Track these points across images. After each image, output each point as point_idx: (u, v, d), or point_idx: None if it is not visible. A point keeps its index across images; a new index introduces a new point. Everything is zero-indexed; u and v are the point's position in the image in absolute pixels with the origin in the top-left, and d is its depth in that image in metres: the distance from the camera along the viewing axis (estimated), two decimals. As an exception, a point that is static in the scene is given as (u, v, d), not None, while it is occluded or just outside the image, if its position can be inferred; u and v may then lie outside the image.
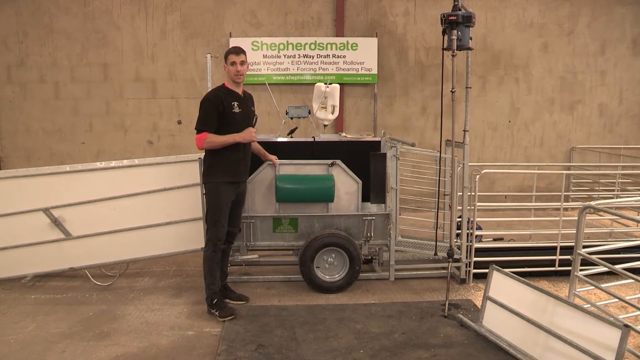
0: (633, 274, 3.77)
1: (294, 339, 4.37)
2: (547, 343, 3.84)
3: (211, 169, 4.84)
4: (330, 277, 5.49)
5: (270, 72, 9.02)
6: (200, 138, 4.68)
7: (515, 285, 4.27)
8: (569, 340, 3.66)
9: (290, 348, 4.21)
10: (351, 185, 5.57)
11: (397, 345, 4.30)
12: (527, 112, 9.73)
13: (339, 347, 4.22)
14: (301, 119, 6.23)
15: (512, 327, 4.19)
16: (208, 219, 4.90)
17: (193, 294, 5.44)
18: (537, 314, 3.97)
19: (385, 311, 4.98)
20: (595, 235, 6.21)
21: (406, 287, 5.65)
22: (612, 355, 3.35)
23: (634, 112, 10.07)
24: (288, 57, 9.08)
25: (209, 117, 4.70)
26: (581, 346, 3.56)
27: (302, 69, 9.11)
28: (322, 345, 4.27)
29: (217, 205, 4.82)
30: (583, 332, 3.59)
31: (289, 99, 8.98)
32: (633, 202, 5.13)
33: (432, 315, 4.86)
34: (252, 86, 8.92)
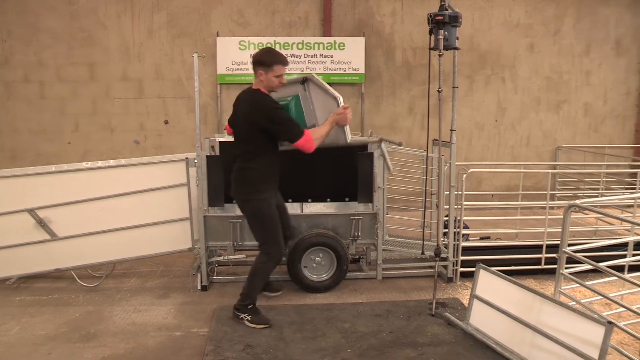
0: (617, 272, 3.81)
1: (282, 339, 4.37)
2: (534, 341, 3.86)
3: (255, 184, 4.48)
4: (317, 277, 5.49)
5: (258, 71, 9.01)
6: (308, 139, 4.27)
7: (502, 283, 4.29)
8: (554, 337, 3.69)
9: (278, 348, 4.20)
10: (330, 104, 4.75)
11: (385, 344, 4.31)
12: (513, 112, 9.80)
13: (327, 347, 4.22)
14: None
15: (499, 325, 4.21)
16: (263, 236, 4.60)
17: (180, 295, 5.42)
18: (523, 312, 4.00)
19: (373, 310, 4.99)
20: (581, 234, 6.26)
21: (394, 286, 5.66)
22: (596, 352, 3.38)
23: (618, 112, 10.17)
24: (276, 57, 9.08)
25: (294, 121, 4.38)
26: (566, 343, 3.58)
27: (289, 68, 9.02)
28: (310, 345, 4.27)
29: (270, 220, 4.55)
30: (568, 329, 3.62)
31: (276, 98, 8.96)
32: (617, 201, 5.19)
33: (419, 314, 4.87)
34: (240, 86, 8.92)
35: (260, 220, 4.54)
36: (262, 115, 4.26)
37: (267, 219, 4.51)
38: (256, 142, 4.37)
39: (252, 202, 4.48)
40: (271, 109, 4.29)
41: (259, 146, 4.40)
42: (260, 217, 4.52)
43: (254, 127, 4.32)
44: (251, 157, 4.44)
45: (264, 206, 4.47)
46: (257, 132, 4.32)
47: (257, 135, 4.34)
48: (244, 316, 4.60)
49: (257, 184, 4.45)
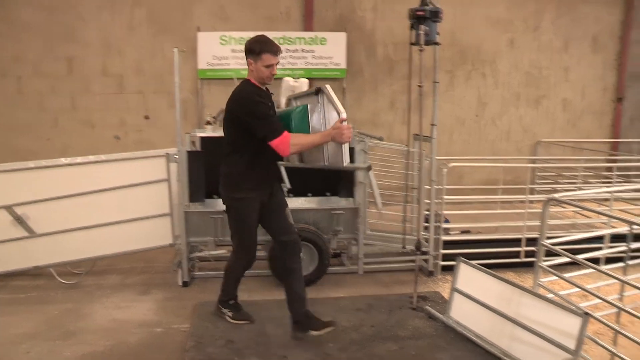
0: (594, 264, 3.87)
1: (264, 334, 4.37)
2: (513, 333, 3.91)
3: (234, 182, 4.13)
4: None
5: (239, 66, 8.96)
6: (284, 142, 3.80)
7: (482, 277, 4.34)
8: (532, 329, 3.74)
9: (259, 343, 4.20)
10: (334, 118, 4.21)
11: (367, 338, 4.33)
12: (494, 107, 9.88)
13: (308, 341, 4.22)
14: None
15: (479, 318, 4.25)
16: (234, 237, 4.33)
17: (161, 291, 5.40)
18: (503, 305, 4.04)
19: (354, 305, 5.00)
20: (559, 227, 6.34)
21: (375, 280, 5.69)
22: (573, 342, 3.43)
23: (596, 107, 10.30)
24: (258, 53, 9.05)
25: (274, 119, 3.93)
26: (544, 335, 3.63)
27: (271, 62, 9.07)
28: (292, 340, 4.27)
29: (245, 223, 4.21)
30: (546, 320, 3.67)
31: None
32: (594, 195, 5.26)
33: (400, 308, 4.90)
34: (221, 81, 8.89)
35: (234, 220, 4.22)
36: (240, 107, 3.91)
37: (241, 221, 4.20)
38: (235, 137, 4.03)
39: (230, 200, 4.18)
40: (251, 101, 3.88)
41: (238, 141, 4.02)
42: (235, 217, 4.21)
43: (233, 119, 3.99)
44: (231, 153, 4.10)
45: (242, 207, 4.13)
46: (235, 126, 3.98)
47: (236, 128, 3.99)
48: (225, 312, 4.56)
49: (237, 183, 4.10)
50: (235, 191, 4.11)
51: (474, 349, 4.14)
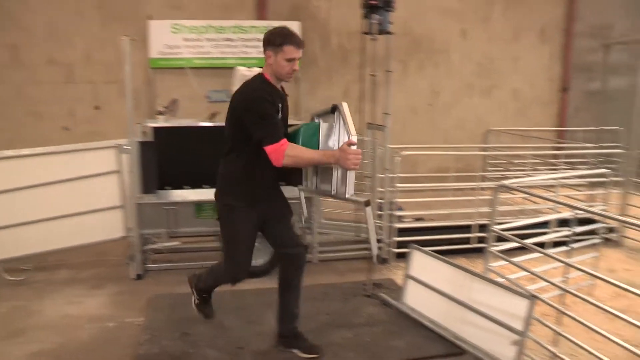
0: (541, 248, 4.00)
1: (220, 326, 4.35)
2: (465, 317, 4.01)
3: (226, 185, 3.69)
4: (255, 262, 5.47)
5: (191, 55, 8.84)
6: (279, 150, 3.32)
7: (435, 263, 4.42)
8: (483, 312, 3.84)
9: (216, 335, 4.19)
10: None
11: (322, 326, 4.37)
12: (446, 96, 10.03)
13: (265, 331, 4.23)
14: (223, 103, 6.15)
15: (432, 303, 4.34)
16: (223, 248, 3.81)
17: (115, 284, 5.30)
18: (455, 290, 4.14)
19: (309, 293, 5.00)
20: (509, 213, 6.50)
21: (330, 268, 5.73)
22: (520, 324, 3.55)
23: (544, 97, 10.60)
24: (209, 41, 8.93)
25: (276, 122, 3.44)
26: (494, 317, 3.75)
27: (224, 52, 8.99)
28: (249, 330, 4.28)
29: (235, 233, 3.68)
30: (496, 304, 3.78)
31: (210, 82, 8.82)
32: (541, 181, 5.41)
33: (355, 296, 4.95)
34: (173, 70, 8.74)
35: (225, 229, 3.71)
36: (242, 103, 3.47)
37: (233, 233, 3.67)
38: (235, 134, 3.56)
39: (222, 206, 3.69)
40: (255, 98, 3.42)
41: (237, 140, 3.55)
42: (226, 226, 3.70)
43: (233, 115, 3.53)
44: (229, 151, 3.63)
45: (234, 216, 3.63)
46: (236, 122, 3.52)
47: (236, 125, 3.52)
48: (194, 297, 4.11)
49: (231, 187, 3.64)
50: (228, 197, 3.64)
51: (427, 334, 4.22)
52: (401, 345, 4.08)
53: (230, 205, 3.62)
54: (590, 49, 10.66)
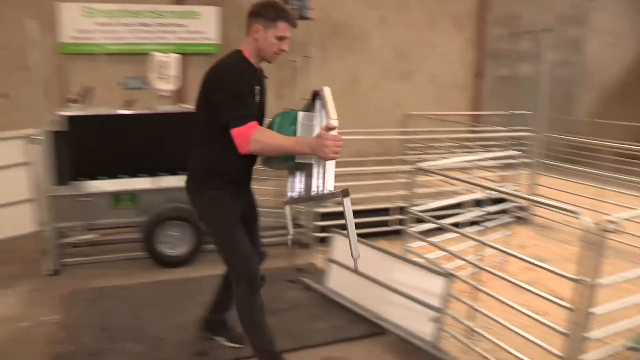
0: (457, 228, 4.15)
1: (140, 318, 4.25)
2: (386, 297, 4.11)
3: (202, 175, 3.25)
4: (175, 252, 5.39)
5: (105, 40, 8.50)
6: (246, 133, 2.86)
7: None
8: (403, 292, 3.96)
9: (137, 327, 4.09)
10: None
11: (246, 313, 4.36)
12: (366, 82, 10.17)
13: (187, 322, 4.17)
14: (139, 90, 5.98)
15: (354, 286, 4.42)
16: (220, 249, 3.30)
17: (28, 282, 5.04)
18: (376, 272, 4.22)
19: (232, 281, 5.00)
20: (426, 195, 6.69)
21: (253, 255, 5.71)
22: (439, 301, 3.69)
23: (459, 82, 10.96)
24: (125, 26, 8.61)
25: (247, 102, 2.99)
26: (413, 296, 3.87)
27: (140, 37, 8.70)
28: (170, 321, 4.20)
29: (225, 223, 3.25)
30: (415, 283, 3.90)
31: (126, 69, 8.53)
32: (457, 163, 5.61)
33: (278, 281, 4.96)
34: (85, 56, 8.38)
35: (215, 226, 3.26)
36: (213, 80, 3.06)
37: (224, 225, 3.23)
38: (206, 120, 3.13)
39: (203, 199, 3.25)
40: (229, 75, 3.02)
41: (210, 127, 3.12)
42: (215, 221, 3.26)
43: (202, 94, 3.14)
44: (200, 141, 3.24)
45: (220, 205, 3.21)
46: (205, 105, 3.12)
47: (206, 109, 3.11)
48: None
49: (206, 175, 3.23)
50: (208, 187, 3.21)
51: (350, 316, 4.30)
52: (324, 328, 4.14)
53: (214, 195, 3.20)
54: (501, 37, 11.12)
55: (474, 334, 3.82)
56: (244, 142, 2.87)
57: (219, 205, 3.22)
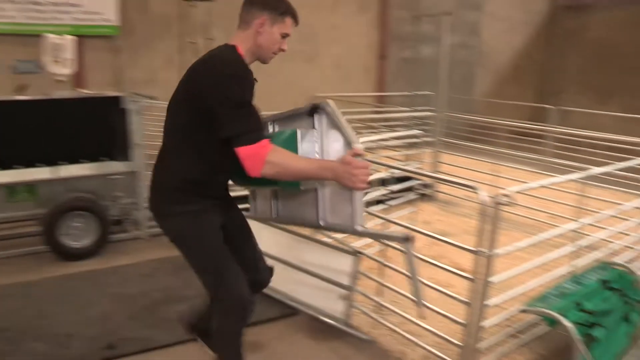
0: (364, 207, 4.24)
1: (45, 315, 4.05)
2: (297, 278, 4.14)
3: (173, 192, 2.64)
4: (79, 244, 5.17)
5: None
6: (259, 153, 2.38)
7: (265, 229, 4.49)
8: (312, 271, 4.01)
9: (40, 326, 3.89)
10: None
11: (156, 302, 4.28)
12: (271, 64, 10.03)
13: (95, 315, 4.04)
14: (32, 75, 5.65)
15: (264, 268, 4.41)
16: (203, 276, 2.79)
17: None
18: (286, 253, 4.24)
19: (140, 270, 4.88)
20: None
21: (160, 243, 5.55)
22: (348, 279, 3.77)
23: (364, 64, 11.14)
24: (13, 3, 8.04)
25: (256, 114, 2.50)
26: (324, 275, 3.93)
27: (30, 17, 8.15)
28: (76, 316, 4.04)
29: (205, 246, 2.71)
30: (325, 262, 3.97)
31: (16, 52, 8.00)
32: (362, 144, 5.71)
33: (187, 269, 4.73)
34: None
35: (195, 249, 2.72)
36: (210, 79, 2.43)
37: (206, 247, 2.70)
38: (181, 123, 2.58)
39: (170, 219, 2.66)
40: (232, 75, 2.44)
41: (186, 131, 2.57)
42: (193, 244, 2.70)
43: (191, 96, 2.51)
44: (172, 147, 2.64)
45: (199, 224, 2.66)
46: (192, 108, 2.51)
47: (192, 112, 2.52)
48: None
49: (178, 191, 2.63)
50: (182, 203, 2.62)
51: (261, 299, 4.26)
52: (236, 312, 4.12)
53: (191, 212, 2.62)
54: (404, 19, 11.39)
55: (382, 309, 3.95)
56: (256, 164, 2.38)
57: (198, 224, 2.65)
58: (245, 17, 2.63)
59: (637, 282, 3.82)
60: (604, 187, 5.93)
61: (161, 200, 2.67)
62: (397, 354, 3.65)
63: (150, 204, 2.73)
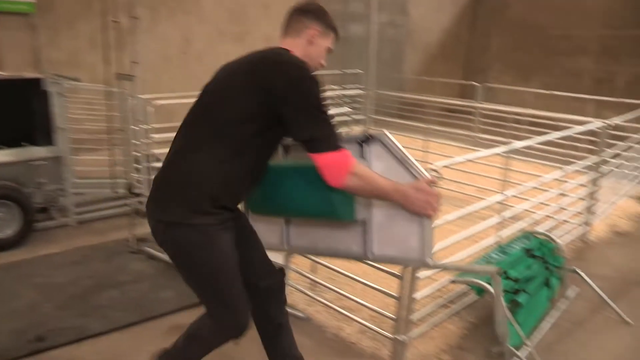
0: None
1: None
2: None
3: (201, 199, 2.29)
4: (1, 234, 4.92)
5: None
6: (344, 163, 2.24)
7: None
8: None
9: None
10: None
11: (86, 290, 4.15)
12: (199, 44, 9.90)
13: (21, 307, 3.88)
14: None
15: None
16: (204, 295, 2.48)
17: None
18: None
19: (69, 258, 4.72)
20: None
21: (90, 229, 5.42)
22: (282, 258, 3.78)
23: (294, 42, 11.10)
24: None
25: (333, 122, 2.31)
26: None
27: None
28: (2, 309, 3.86)
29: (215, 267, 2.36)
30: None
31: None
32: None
33: (119, 254, 4.78)
34: None
35: (195, 265, 2.37)
36: (284, 77, 2.26)
37: (213, 262, 2.35)
38: (238, 123, 2.30)
39: (183, 229, 2.29)
40: (309, 78, 2.27)
41: (239, 133, 2.30)
42: (198, 256, 2.33)
43: (253, 94, 2.28)
44: (206, 147, 2.32)
45: (211, 238, 2.31)
46: (249, 103, 2.29)
47: (245, 107, 2.29)
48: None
49: (204, 200, 2.28)
50: (205, 214, 2.28)
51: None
52: (171, 296, 4.07)
53: (205, 225, 2.29)
54: (332, -3, 11.39)
55: (317, 286, 3.99)
56: (339, 173, 2.23)
57: (217, 242, 2.32)
58: (294, 24, 2.63)
59: (557, 250, 4.04)
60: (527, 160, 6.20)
61: (178, 206, 2.28)
62: (333, 329, 3.70)
63: (156, 208, 2.37)
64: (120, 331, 3.60)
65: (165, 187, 2.36)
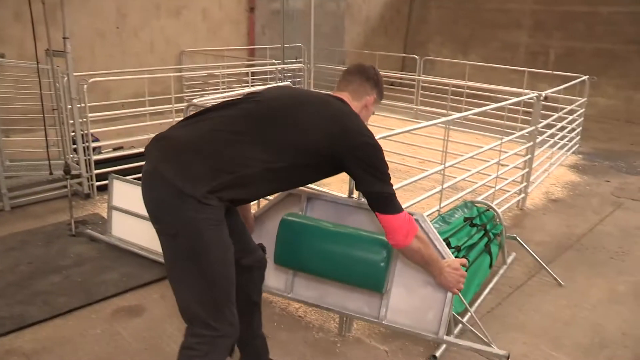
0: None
1: None
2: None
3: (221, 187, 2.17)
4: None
5: None
6: (413, 226, 2.47)
7: (137, 190, 4.33)
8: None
9: None
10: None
11: (25, 276, 4.00)
12: (134, 19, 9.58)
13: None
14: None
15: (140, 231, 4.27)
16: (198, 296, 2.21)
17: None
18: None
19: (5, 245, 4.53)
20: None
21: (26, 214, 5.21)
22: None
23: (233, 17, 10.89)
24: None
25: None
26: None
27: None
28: None
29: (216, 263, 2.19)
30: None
31: None
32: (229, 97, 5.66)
33: (59, 237, 4.62)
34: None
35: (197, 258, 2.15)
36: (356, 138, 2.39)
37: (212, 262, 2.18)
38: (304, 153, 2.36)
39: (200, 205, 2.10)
40: (376, 144, 2.42)
41: (301, 159, 2.37)
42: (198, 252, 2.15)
43: (325, 139, 2.35)
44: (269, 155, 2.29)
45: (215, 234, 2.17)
46: (322, 147, 2.36)
47: (317, 147, 2.36)
48: None
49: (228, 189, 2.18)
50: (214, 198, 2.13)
51: (140, 262, 4.20)
52: (115, 277, 3.99)
53: (216, 208, 2.15)
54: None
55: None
56: (407, 234, 2.42)
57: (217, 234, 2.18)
58: (357, 87, 2.68)
59: (496, 218, 4.17)
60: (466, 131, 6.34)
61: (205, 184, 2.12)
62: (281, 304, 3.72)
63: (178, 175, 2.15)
64: (64, 317, 3.50)
65: (199, 160, 2.18)
